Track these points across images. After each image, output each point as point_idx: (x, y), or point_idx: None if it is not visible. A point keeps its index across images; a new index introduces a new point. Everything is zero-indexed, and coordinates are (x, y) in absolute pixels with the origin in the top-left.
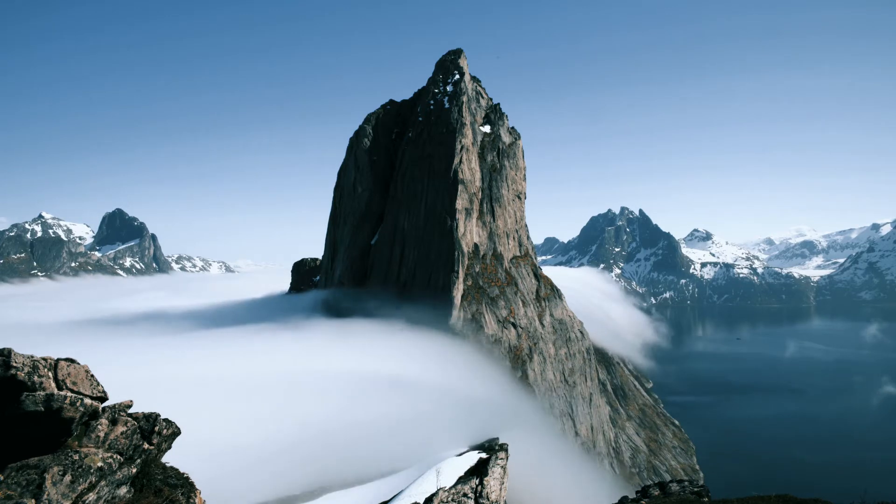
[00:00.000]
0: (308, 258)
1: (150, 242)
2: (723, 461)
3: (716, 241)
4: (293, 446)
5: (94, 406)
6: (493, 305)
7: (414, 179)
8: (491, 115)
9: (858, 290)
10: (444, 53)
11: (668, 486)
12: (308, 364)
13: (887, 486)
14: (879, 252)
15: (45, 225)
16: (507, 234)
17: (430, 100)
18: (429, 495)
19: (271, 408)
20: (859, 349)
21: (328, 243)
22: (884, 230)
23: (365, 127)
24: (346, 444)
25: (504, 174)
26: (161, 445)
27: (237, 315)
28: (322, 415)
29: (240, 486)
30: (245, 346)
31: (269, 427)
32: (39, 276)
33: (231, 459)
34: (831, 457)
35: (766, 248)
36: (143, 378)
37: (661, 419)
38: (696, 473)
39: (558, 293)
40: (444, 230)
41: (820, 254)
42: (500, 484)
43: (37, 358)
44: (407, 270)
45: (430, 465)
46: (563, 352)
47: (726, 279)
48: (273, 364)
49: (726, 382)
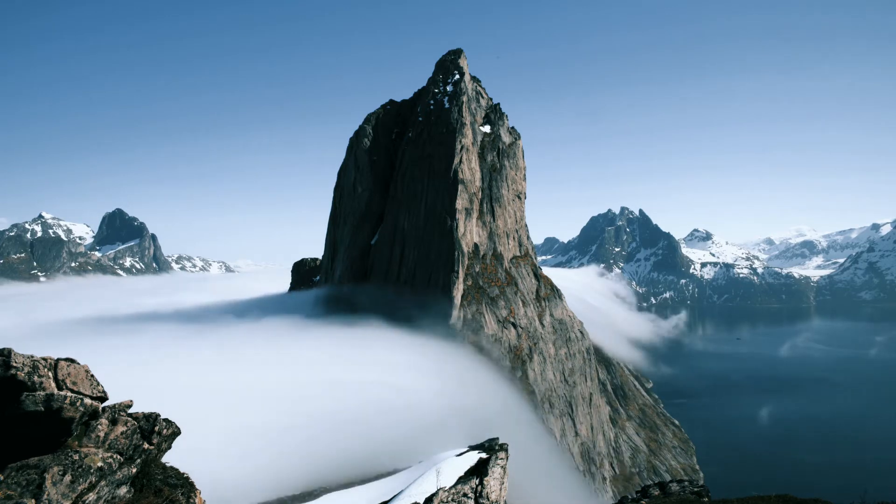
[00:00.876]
0: (308, 258)
1: (150, 242)
2: (723, 461)
3: (716, 241)
4: (293, 446)
5: (94, 406)
6: (493, 305)
7: (414, 179)
8: (491, 115)
9: (858, 290)
10: (444, 53)
11: (668, 486)
12: (307, 367)
13: (887, 486)
14: (879, 252)
15: (45, 225)
16: (507, 234)
17: (430, 100)
18: (429, 495)
19: (271, 408)
20: (859, 349)
21: (328, 243)
22: (884, 230)
23: (365, 127)
24: (346, 444)
25: (504, 174)
26: (161, 445)
27: (237, 315)
28: (322, 415)
29: (240, 486)
30: (245, 346)
31: (268, 427)
32: (39, 276)
33: (231, 459)
34: (831, 457)
35: (766, 248)
36: (143, 378)
37: (661, 419)
38: (696, 473)
39: (558, 293)
40: (444, 230)
41: (820, 254)
42: (500, 484)
43: (37, 358)
44: (407, 270)
45: (430, 465)
46: (563, 352)
47: (726, 279)
48: (273, 365)
49: (726, 382)
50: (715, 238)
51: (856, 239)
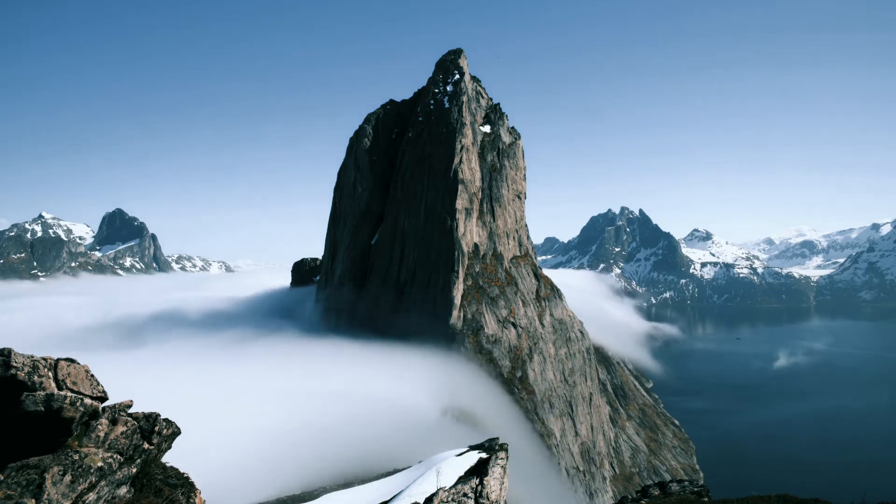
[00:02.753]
0: (308, 258)
1: (150, 242)
2: (723, 461)
3: (716, 241)
4: (293, 446)
5: (94, 406)
6: (493, 305)
7: (414, 179)
8: (491, 114)
9: (858, 289)
10: (445, 53)
11: (668, 486)
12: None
13: (887, 486)
14: (879, 252)
15: (45, 225)
16: (507, 233)
17: (430, 100)
18: (429, 495)
19: (271, 408)
20: (859, 349)
21: (328, 243)
22: (884, 230)
23: (365, 127)
24: (346, 444)
25: (504, 174)
26: (161, 445)
27: (237, 316)
28: (322, 415)
29: (240, 485)
30: (244, 349)
31: (269, 427)
32: (39, 276)
33: (231, 459)
34: (831, 457)
35: (766, 248)
36: (142, 378)
37: (661, 419)
38: (696, 473)
39: (558, 293)
40: (444, 230)
41: (820, 254)
42: (501, 484)
43: (37, 358)
44: (407, 270)
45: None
46: (563, 352)
47: (726, 279)
48: (272, 366)
49: (726, 382)
50: (715, 238)
51: (856, 239)
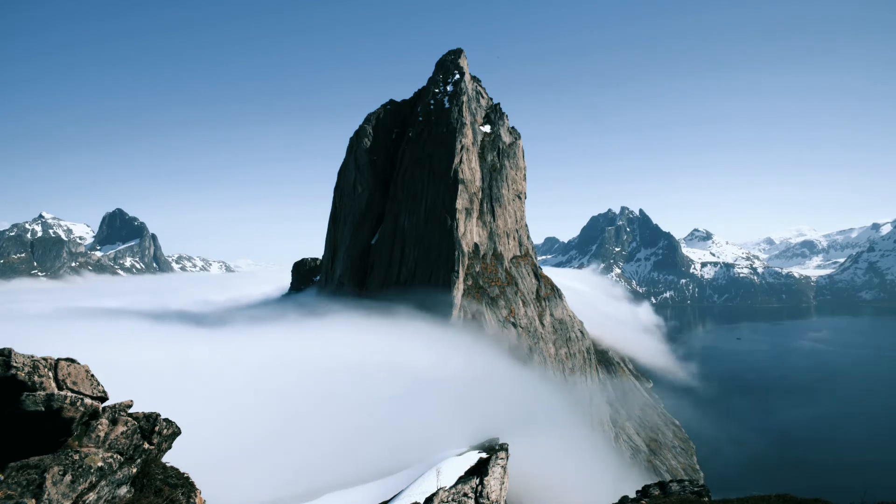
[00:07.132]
0: (308, 258)
1: (150, 242)
2: (723, 461)
3: (716, 240)
4: (293, 446)
5: (95, 406)
6: (493, 305)
7: (414, 179)
8: (491, 114)
9: (859, 289)
10: (445, 53)
11: (669, 485)
12: (309, 361)
13: (887, 486)
14: (880, 252)
15: (45, 225)
16: (507, 233)
17: (430, 99)
18: (429, 495)
19: (272, 408)
20: (860, 349)
21: (328, 243)
22: (884, 230)
23: (365, 127)
24: (346, 444)
25: (504, 174)
26: (161, 445)
27: (238, 314)
28: (322, 415)
29: (240, 485)
30: (243, 345)
31: (269, 427)
32: (40, 275)
33: (231, 459)
34: (832, 457)
35: (766, 247)
36: (143, 378)
37: (661, 419)
38: (696, 473)
39: (558, 293)
40: (444, 230)
41: (820, 253)
42: (501, 484)
43: (37, 358)
44: (407, 270)
45: (430, 465)
46: (563, 351)
47: (726, 279)
48: (273, 366)
49: (726, 382)
50: (715, 238)
51: (856, 239)
